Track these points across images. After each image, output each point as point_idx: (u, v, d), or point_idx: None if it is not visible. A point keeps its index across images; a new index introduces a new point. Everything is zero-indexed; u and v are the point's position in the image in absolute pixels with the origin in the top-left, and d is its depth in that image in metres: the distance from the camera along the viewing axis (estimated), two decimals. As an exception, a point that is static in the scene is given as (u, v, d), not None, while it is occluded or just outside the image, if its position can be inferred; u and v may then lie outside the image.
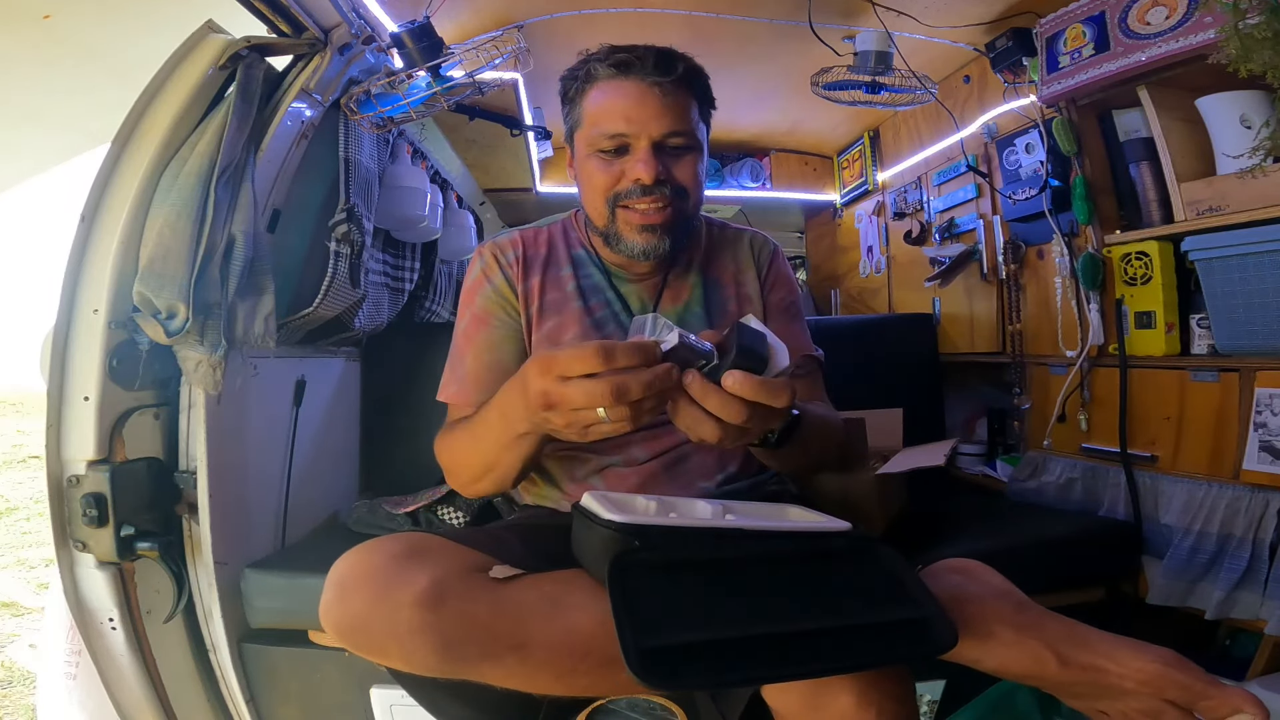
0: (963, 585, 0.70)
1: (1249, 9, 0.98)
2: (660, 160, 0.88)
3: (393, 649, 0.63)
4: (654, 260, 0.94)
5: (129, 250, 1.01)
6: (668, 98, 0.87)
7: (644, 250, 0.91)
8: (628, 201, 0.90)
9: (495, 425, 0.76)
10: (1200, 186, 1.24)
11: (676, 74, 0.88)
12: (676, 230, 0.92)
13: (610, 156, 0.89)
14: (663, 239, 0.91)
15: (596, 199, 0.92)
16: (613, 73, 0.88)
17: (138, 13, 1.37)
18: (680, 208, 0.91)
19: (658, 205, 0.89)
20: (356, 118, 1.29)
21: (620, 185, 0.90)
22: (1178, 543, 1.25)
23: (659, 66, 0.87)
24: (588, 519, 0.66)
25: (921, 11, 1.56)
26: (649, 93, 0.87)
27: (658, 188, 0.88)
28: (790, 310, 1.05)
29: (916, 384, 1.91)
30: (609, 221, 0.92)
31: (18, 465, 4.68)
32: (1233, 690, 0.62)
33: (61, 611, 1.06)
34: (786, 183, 2.64)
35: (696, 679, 0.57)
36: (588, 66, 0.91)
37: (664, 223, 0.90)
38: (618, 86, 0.88)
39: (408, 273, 1.78)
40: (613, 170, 0.90)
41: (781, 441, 0.74)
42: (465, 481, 0.88)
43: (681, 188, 0.90)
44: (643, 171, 0.87)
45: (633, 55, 0.88)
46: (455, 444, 0.87)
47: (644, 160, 0.87)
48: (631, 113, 0.87)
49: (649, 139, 0.87)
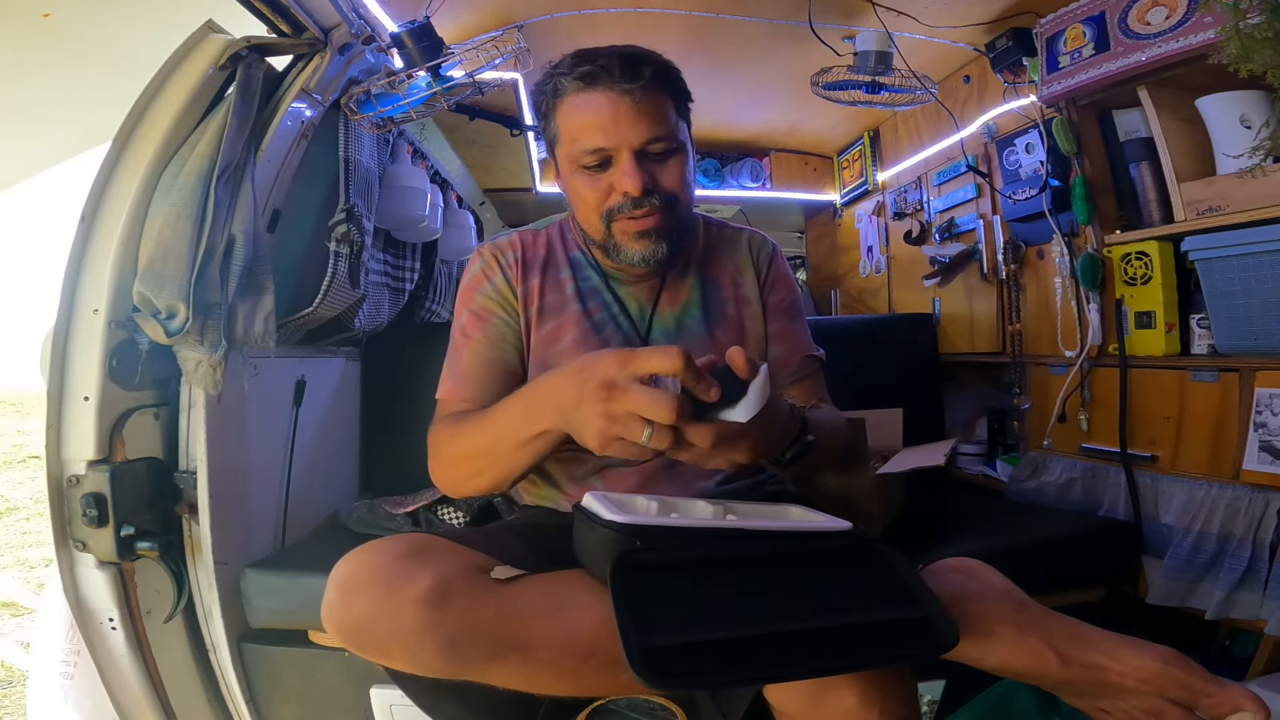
0: (964, 584, 0.70)
1: (1249, 9, 0.98)
2: (644, 168, 0.86)
3: (396, 649, 0.63)
4: (654, 265, 0.93)
5: (129, 250, 1.01)
6: (640, 104, 0.85)
7: (643, 257, 0.91)
8: (620, 215, 0.89)
9: (517, 418, 0.75)
10: (1200, 186, 1.24)
11: (645, 78, 0.85)
12: (672, 234, 0.91)
13: (595, 171, 0.88)
14: (659, 244, 0.90)
15: (590, 215, 0.91)
16: (580, 85, 0.86)
17: (138, 12, 1.37)
18: (672, 211, 0.91)
19: (648, 215, 0.88)
20: (356, 118, 1.29)
21: (610, 201, 0.88)
22: (1178, 543, 1.25)
23: (626, 72, 0.84)
24: (589, 519, 0.66)
25: (921, 11, 1.56)
26: (620, 102, 0.84)
27: (646, 198, 0.87)
28: (791, 310, 1.05)
29: (916, 384, 1.91)
30: (605, 235, 0.91)
31: (18, 465, 4.68)
32: (1233, 688, 0.62)
33: (58, 612, 1.06)
34: (786, 183, 2.64)
35: (699, 679, 0.57)
36: (554, 81, 0.88)
37: (658, 227, 0.89)
38: (587, 100, 0.85)
39: (408, 273, 1.78)
40: (600, 185, 0.88)
41: (794, 461, 0.76)
42: (460, 476, 0.85)
43: (670, 193, 0.89)
44: (629, 184, 0.86)
45: (596, 65, 0.84)
46: (459, 435, 0.84)
47: (628, 173, 0.85)
48: (607, 125, 0.85)
49: (629, 149, 0.85)
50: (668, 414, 0.58)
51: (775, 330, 1.03)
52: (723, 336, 0.99)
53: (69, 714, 1.06)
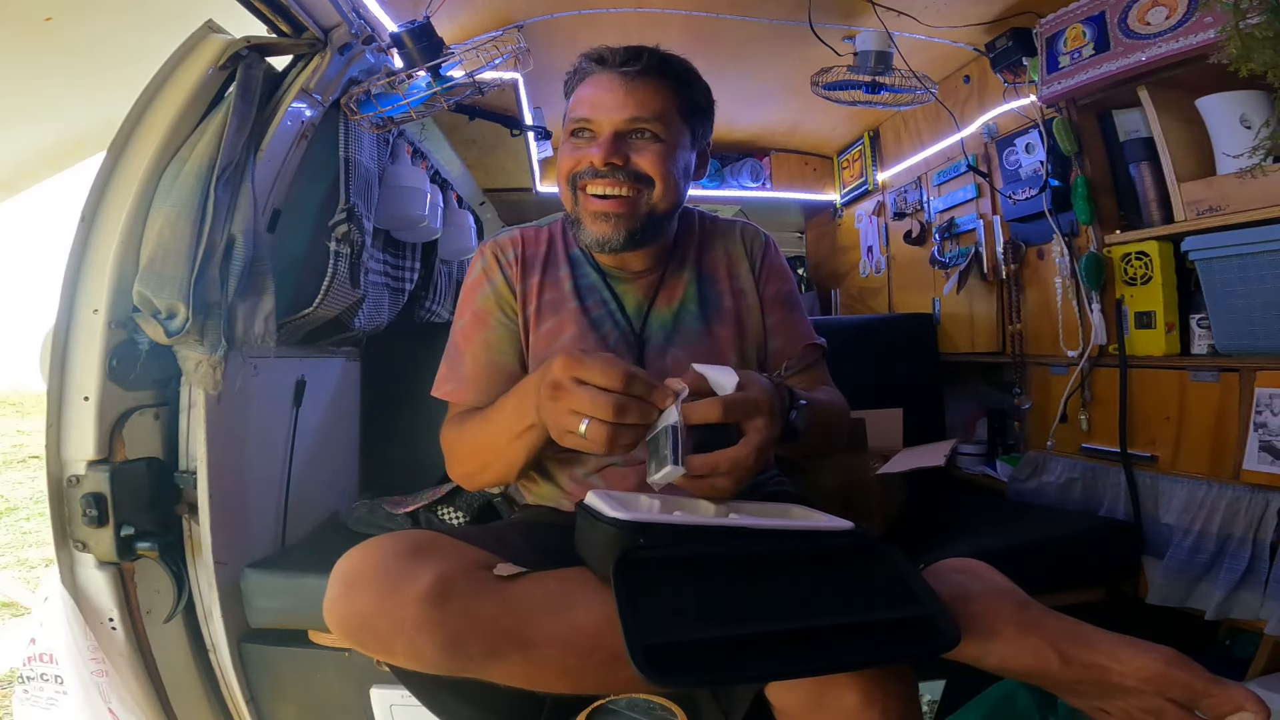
0: (965, 584, 0.70)
1: (1249, 9, 0.98)
2: (619, 146, 0.90)
3: (398, 646, 0.63)
4: (610, 252, 0.94)
5: (129, 250, 1.01)
6: (632, 85, 0.90)
7: (599, 240, 0.92)
8: (583, 182, 0.91)
9: (509, 413, 0.81)
10: (1200, 186, 1.24)
11: (642, 63, 0.90)
12: (635, 221, 0.92)
13: (578, 142, 0.93)
14: (618, 229, 0.91)
15: (562, 182, 0.95)
16: (591, 66, 0.93)
17: (138, 12, 1.37)
18: (642, 197, 0.91)
19: (614, 190, 0.90)
20: (356, 118, 1.28)
21: (579, 167, 0.91)
22: (1178, 543, 1.25)
23: (628, 59, 0.91)
24: (592, 517, 0.66)
25: (921, 11, 1.56)
26: (615, 81, 0.90)
27: (612, 171, 0.89)
28: (788, 300, 1.05)
29: (916, 384, 1.91)
30: (574, 205, 0.94)
31: (18, 465, 4.67)
32: (1234, 688, 0.62)
33: (58, 611, 1.06)
34: (786, 183, 2.64)
35: (701, 676, 0.57)
36: (579, 63, 0.95)
37: (620, 212, 0.91)
38: (593, 79, 0.92)
39: (408, 273, 1.78)
40: (576, 154, 0.92)
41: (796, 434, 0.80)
42: (471, 470, 0.92)
43: (640, 174, 0.90)
44: (595, 155, 0.89)
45: (610, 50, 0.92)
46: (465, 433, 0.91)
47: (600, 144, 0.89)
48: (597, 101, 0.90)
49: (611, 126, 0.90)
50: (603, 412, 0.66)
51: (774, 322, 1.03)
52: (719, 331, 1.00)
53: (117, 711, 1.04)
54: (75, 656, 0.96)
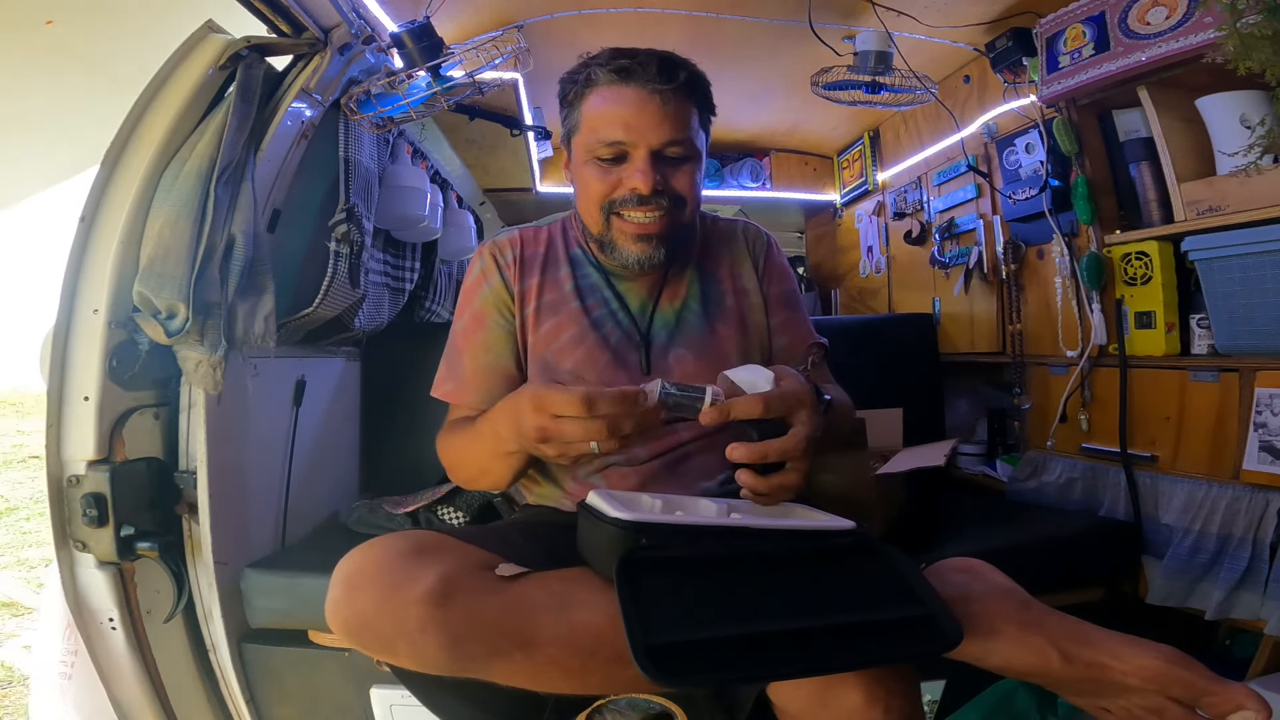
0: (966, 584, 0.70)
1: (1247, 8, 0.98)
2: (658, 169, 0.87)
3: (401, 646, 0.63)
4: (648, 268, 0.94)
5: (129, 250, 1.01)
6: (668, 106, 0.86)
7: (639, 260, 0.91)
8: (623, 210, 0.89)
9: (488, 439, 0.82)
10: (1200, 186, 1.24)
11: (678, 81, 0.86)
12: (672, 238, 0.92)
13: (608, 164, 0.88)
14: (658, 249, 0.91)
15: (592, 206, 0.91)
16: (613, 78, 0.86)
17: (138, 13, 1.36)
18: (677, 217, 0.91)
19: (654, 215, 0.89)
20: (356, 118, 1.28)
21: (616, 194, 0.89)
22: (1178, 543, 1.25)
23: (661, 73, 0.85)
24: (594, 517, 0.66)
25: (921, 11, 1.56)
26: (650, 100, 0.85)
27: (655, 198, 0.87)
28: (790, 300, 1.06)
29: (916, 384, 1.91)
30: (604, 229, 0.92)
31: (18, 465, 4.67)
32: (1235, 687, 0.62)
33: (57, 612, 1.06)
34: (786, 183, 2.64)
35: (704, 676, 0.57)
36: (589, 70, 0.89)
37: (660, 232, 0.90)
38: (618, 93, 0.86)
39: (408, 273, 1.78)
40: (610, 178, 0.88)
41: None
42: (465, 479, 0.95)
43: (679, 197, 0.90)
44: (640, 181, 0.86)
45: (635, 61, 0.86)
46: (454, 445, 0.93)
47: (641, 170, 0.86)
48: (631, 120, 0.85)
49: (647, 148, 0.86)
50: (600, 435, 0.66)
51: (779, 322, 1.03)
52: (722, 330, 1.00)
53: (69, 714, 1.06)
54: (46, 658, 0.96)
